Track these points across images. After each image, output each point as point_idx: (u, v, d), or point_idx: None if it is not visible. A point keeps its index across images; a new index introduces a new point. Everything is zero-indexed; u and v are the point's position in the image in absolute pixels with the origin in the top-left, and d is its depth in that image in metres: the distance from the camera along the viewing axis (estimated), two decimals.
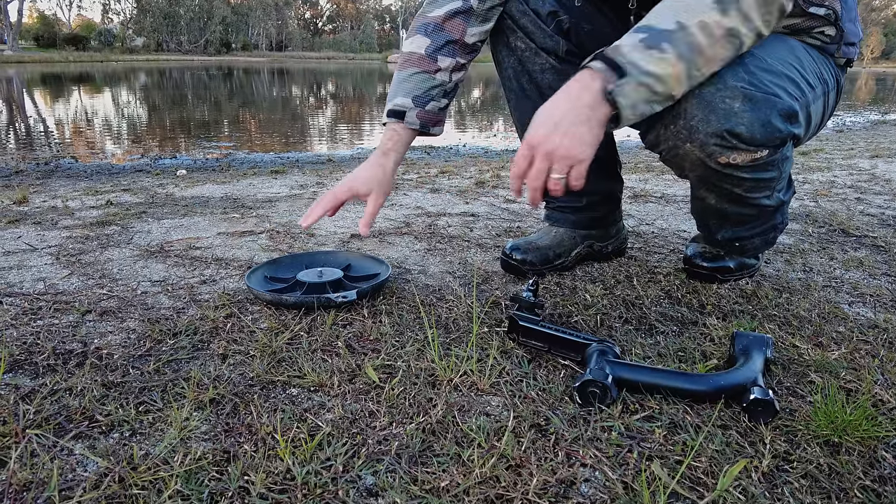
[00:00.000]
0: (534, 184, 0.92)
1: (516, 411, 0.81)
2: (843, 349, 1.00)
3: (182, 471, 0.68)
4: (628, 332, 1.06)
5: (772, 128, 0.95)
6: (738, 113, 0.94)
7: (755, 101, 0.94)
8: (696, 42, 0.87)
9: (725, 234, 1.21)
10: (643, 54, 0.87)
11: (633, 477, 0.69)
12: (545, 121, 0.90)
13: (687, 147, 0.99)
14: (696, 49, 0.88)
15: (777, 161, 1.03)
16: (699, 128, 0.96)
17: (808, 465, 0.72)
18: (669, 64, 0.88)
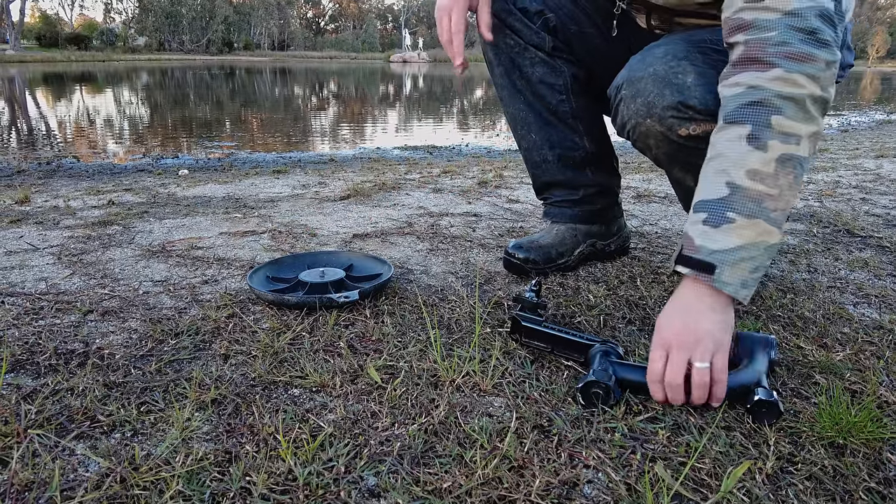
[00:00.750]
0: (674, 382, 0.82)
1: (519, 412, 0.81)
2: (848, 350, 1.00)
3: (184, 471, 0.68)
4: (632, 332, 1.06)
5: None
6: (689, 86, 0.98)
7: (706, 76, 0.98)
8: (755, 192, 0.83)
9: None
10: (719, 235, 0.84)
11: (636, 478, 0.69)
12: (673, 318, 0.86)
13: (648, 122, 1.04)
14: (759, 198, 0.83)
15: None
16: (656, 102, 1.01)
17: (813, 466, 0.71)
18: (746, 228, 0.83)
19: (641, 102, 1.03)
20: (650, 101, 1.01)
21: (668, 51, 1.01)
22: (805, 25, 0.81)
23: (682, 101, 0.99)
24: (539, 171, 1.37)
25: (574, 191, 1.35)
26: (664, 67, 1.00)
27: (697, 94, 0.98)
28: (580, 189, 1.35)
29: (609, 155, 1.38)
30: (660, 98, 1.00)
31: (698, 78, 0.98)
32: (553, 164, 1.34)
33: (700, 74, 0.98)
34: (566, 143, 1.32)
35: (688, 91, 0.98)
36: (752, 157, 0.83)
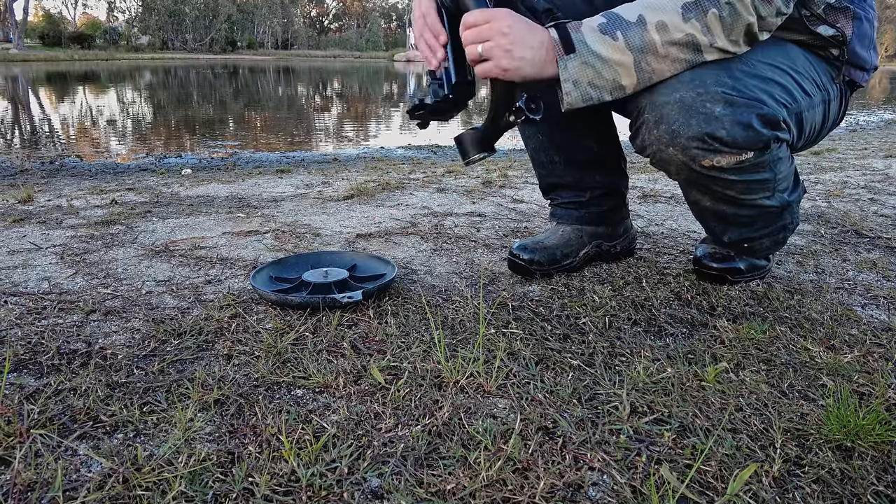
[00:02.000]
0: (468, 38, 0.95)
1: (523, 414, 0.80)
2: (856, 352, 0.99)
3: (186, 472, 0.68)
4: (637, 333, 1.05)
5: (753, 132, 0.96)
6: (718, 117, 0.95)
7: (736, 106, 0.95)
8: (650, 38, 0.92)
9: (732, 235, 1.20)
10: (597, 37, 0.93)
11: (641, 481, 0.68)
12: (519, 22, 0.94)
13: (670, 151, 1.00)
14: (649, 45, 0.93)
15: (767, 163, 1.03)
16: (680, 132, 0.98)
17: (820, 469, 0.71)
18: (618, 50, 0.93)
19: (665, 130, 0.99)
20: (674, 129, 0.98)
21: (695, 75, 0.96)
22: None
23: (708, 133, 0.96)
24: (546, 171, 1.37)
25: (581, 192, 1.34)
26: (692, 94, 0.96)
27: (726, 125, 0.95)
28: (587, 191, 1.34)
29: (617, 156, 1.37)
30: (685, 128, 0.97)
31: (727, 107, 0.95)
32: (560, 166, 1.33)
33: (729, 103, 0.95)
34: (574, 145, 1.31)
35: (716, 122, 0.95)
36: (670, 15, 0.92)
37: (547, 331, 1.05)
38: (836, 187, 2.40)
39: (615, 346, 1.00)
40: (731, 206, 1.11)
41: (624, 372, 0.91)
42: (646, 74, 0.96)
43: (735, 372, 0.92)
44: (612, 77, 0.95)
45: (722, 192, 1.07)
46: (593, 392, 0.86)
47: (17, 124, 6.73)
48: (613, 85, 0.96)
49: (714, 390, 0.86)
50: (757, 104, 0.96)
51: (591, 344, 1.01)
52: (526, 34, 0.94)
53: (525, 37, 0.93)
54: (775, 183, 1.08)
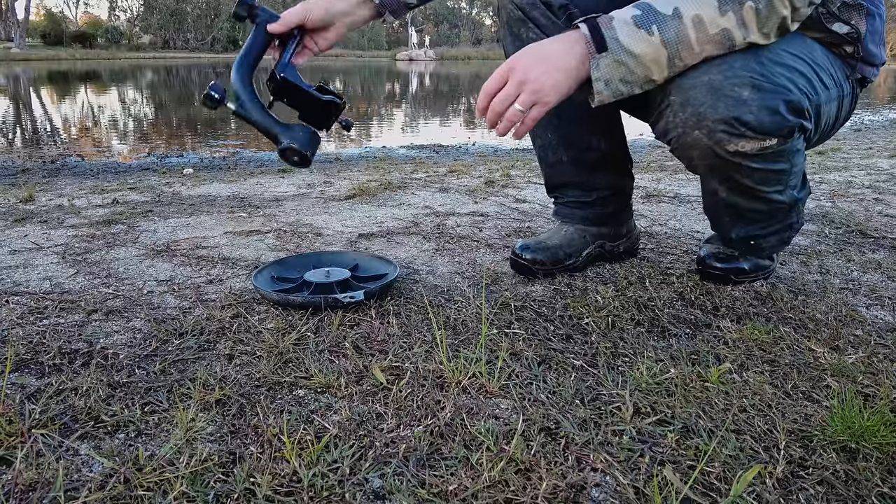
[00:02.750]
0: (496, 107, 0.95)
1: (526, 414, 0.80)
2: (861, 353, 0.99)
3: (188, 472, 0.67)
4: (640, 334, 1.05)
5: (780, 117, 0.97)
6: (746, 101, 0.95)
7: (764, 91, 0.95)
8: (685, 33, 0.91)
9: (739, 232, 1.20)
10: (630, 32, 0.91)
11: (644, 482, 0.68)
12: (534, 54, 0.94)
13: (695, 134, 1.00)
14: (684, 40, 0.91)
15: (787, 152, 1.03)
16: (707, 114, 0.97)
17: (824, 471, 0.70)
18: (653, 47, 0.91)
19: (692, 112, 0.98)
20: (701, 111, 0.97)
21: (723, 59, 0.96)
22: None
23: (736, 117, 0.96)
24: (553, 170, 1.36)
25: (587, 192, 1.33)
26: (720, 77, 0.95)
27: (754, 109, 0.95)
28: (594, 191, 1.33)
29: (624, 157, 1.36)
30: (712, 110, 0.96)
31: (755, 92, 0.95)
32: (568, 165, 1.32)
33: (757, 88, 0.95)
34: (582, 144, 1.30)
35: (744, 106, 0.95)
36: (708, 10, 0.90)
37: (550, 331, 1.05)
38: (841, 187, 2.39)
39: (618, 347, 0.99)
40: (746, 197, 1.11)
41: (627, 372, 0.91)
42: (677, 68, 0.95)
43: (739, 373, 0.92)
44: (644, 73, 0.94)
45: (740, 181, 1.07)
46: (596, 393, 0.86)
47: (18, 124, 6.74)
48: (645, 80, 0.95)
49: (717, 391, 0.86)
50: (784, 91, 0.96)
51: (594, 344, 1.00)
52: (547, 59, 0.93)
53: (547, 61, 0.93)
54: (789, 176, 1.09)
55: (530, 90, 0.93)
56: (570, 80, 0.93)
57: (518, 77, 0.93)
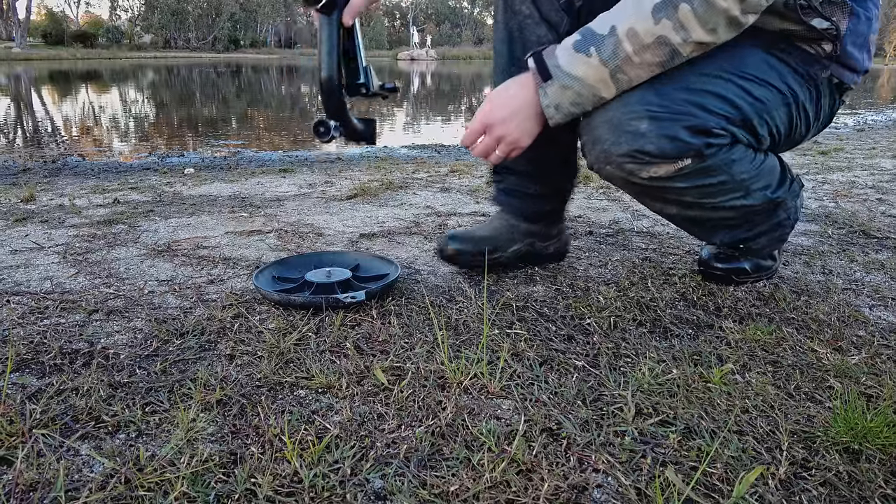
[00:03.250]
0: (478, 154, 1.07)
1: (527, 415, 0.80)
2: (864, 354, 0.98)
3: (188, 472, 0.67)
4: (642, 334, 1.04)
5: (680, 142, 0.99)
6: (644, 133, 0.99)
7: (660, 120, 0.98)
8: (622, 48, 0.94)
9: (724, 238, 1.20)
10: (570, 57, 0.97)
11: (646, 483, 0.68)
12: (504, 106, 1.03)
13: (608, 169, 1.05)
14: (622, 55, 0.94)
15: (714, 167, 1.04)
16: (612, 150, 1.02)
17: (827, 472, 0.70)
18: (593, 68, 0.96)
19: (600, 150, 1.03)
20: (606, 149, 1.02)
21: (623, 97, 1.00)
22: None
23: (637, 149, 1.00)
24: None
25: (530, 184, 1.30)
26: (619, 113, 1.00)
27: (653, 139, 0.98)
28: (536, 185, 1.30)
29: (573, 161, 1.33)
30: (615, 146, 1.01)
31: (652, 123, 0.98)
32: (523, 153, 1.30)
33: (653, 118, 0.98)
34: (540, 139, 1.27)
35: (643, 138, 0.99)
36: (641, 21, 0.93)
37: (551, 331, 1.05)
38: (844, 187, 2.39)
39: (620, 347, 0.99)
40: (700, 210, 1.12)
41: (629, 373, 0.91)
42: (623, 84, 0.98)
43: (741, 373, 0.92)
44: (592, 92, 0.99)
45: (678, 198, 1.08)
46: (598, 393, 0.86)
47: (19, 123, 6.74)
48: (594, 99, 1.00)
49: (720, 392, 0.86)
50: (683, 117, 0.99)
51: (596, 345, 1.00)
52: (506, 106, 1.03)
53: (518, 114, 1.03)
54: (742, 183, 1.08)
55: (507, 142, 1.04)
56: (536, 122, 1.03)
57: (496, 134, 1.04)
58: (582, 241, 1.59)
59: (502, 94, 1.04)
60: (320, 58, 1.04)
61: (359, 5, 1.04)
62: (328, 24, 1.03)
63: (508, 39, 1.21)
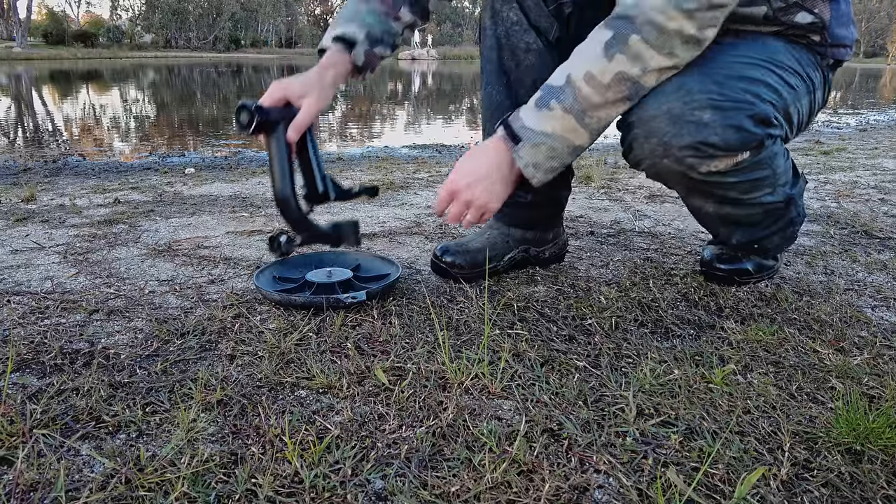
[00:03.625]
0: (452, 221, 1.05)
1: (528, 415, 0.80)
2: (866, 354, 0.98)
3: (189, 473, 0.67)
4: (643, 335, 1.04)
5: (746, 133, 0.96)
6: (708, 123, 0.95)
7: (725, 110, 0.95)
8: (581, 93, 0.94)
9: (741, 237, 1.19)
10: (534, 115, 0.97)
11: (647, 484, 0.68)
12: (470, 173, 1.01)
13: (665, 163, 1.00)
14: (583, 99, 0.94)
15: (765, 159, 1.03)
16: (673, 143, 0.97)
17: (829, 473, 0.70)
18: (557, 118, 0.95)
19: (657, 142, 0.98)
20: (666, 141, 0.97)
21: (681, 84, 0.95)
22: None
23: (701, 140, 0.96)
24: None
25: (525, 193, 1.26)
26: (679, 104, 0.95)
27: (718, 130, 0.95)
28: (531, 192, 1.26)
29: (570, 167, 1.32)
30: (677, 138, 0.96)
31: (716, 112, 0.94)
32: None
33: (717, 108, 0.94)
34: None
35: (707, 129, 0.95)
36: (596, 63, 0.92)
37: (552, 332, 1.05)
38: (846, 187, 2.38)
39: (621, 348, 0.99)
40: (736, 207, 1.11)
41: (630, 374, 0.91)
42: (594, 127, 0.97)
43: (743, 374, 0.92)
44: (565, 144, 0.97)
45: (724, 194, 1.06)
46: (599, 394, 0.86)
47: (20, 123, 6.74)
48: (570, 149, 0.99)
49: (721, 392, 0.86)
50: (745, 105, 0.96)
51: (598, 345, 1.00)
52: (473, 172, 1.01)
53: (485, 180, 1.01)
54: (775, 178, 1.08)
55: (476, 207, 1.02)
56: (507, 185, 1.02)
57: (463, 199, 1.01)
58: (583, 241, 1.59)
59: (467, 161, 1.03)
60: (272, 175, 1.04)
61: (304, 122, 1.03)
62: (275, 142, 1.02)
63: (497, 46, 1.20)
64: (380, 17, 1.13)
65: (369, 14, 1.13)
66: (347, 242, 1.14)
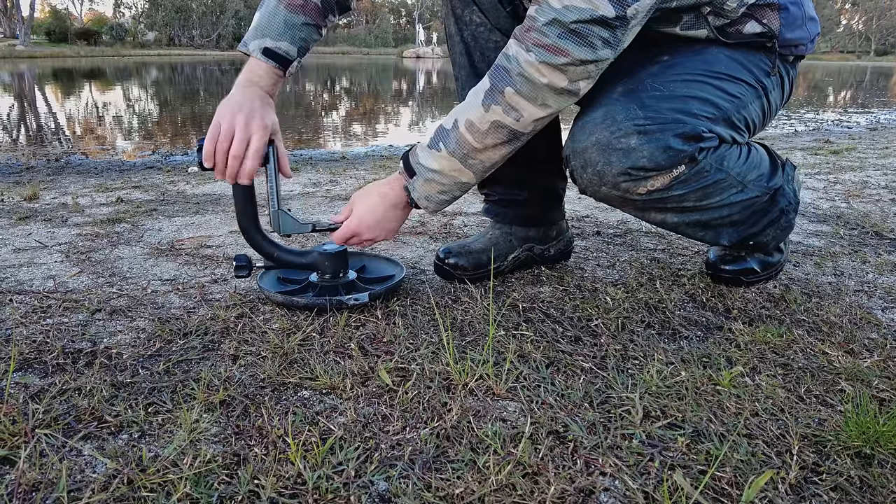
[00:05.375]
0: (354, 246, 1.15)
1: (533, 417, 0.79)
2: (876, 357, 0.97)
3: (191, 473, 0.67)
4: (650, 336, 1.04)
5: (674, 151, 0.98)
6: (636, 148, 0.98)
7: (650, 133, 0.97)
8: (463, 138, 1.00)
9: (731, 237, 1.17)
10: (427, 154, 1.04)
11: (654, 487, 0.67)
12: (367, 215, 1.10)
13: (604, 190, 1.04)
14: (464, 143, 1.01)
15: (708, 168, 1.03)
16: (605, 171, 1.01)
17: (839, 477, 0.69)
18: (444, 159, 1.02)
19: (592, 172, 1.02)
20: (599, 170, 1.01)
21: (606, 113, 0.99)
22: (571, 21, 0.88)
23: (631, 166, 0.98)
24: None
25: (520, 191, 1.30)
26: (606, 133, 0.99)
27: (645, 153, 0.97)
28: (525, 189, 1.29)
29: (558, 157, 1.29)
30: (608, 166, 1.00)
31: (642, 137, 0.97)
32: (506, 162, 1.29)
33: (642, 133, 0.97)
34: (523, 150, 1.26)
35: (634, 153, 0.98)
36: (475, 111, 0.99)
37: (558, 333, 1.04)
38: (856, 187, 2.37)
39: (628, 349, 0.98)
40: (701, 213, 1.10)
41: (637, 375, 0.90)
42: (478, 168, 1.03)
43: (751, 376, 0.91)
44: (452, 181, 1.04)
45: (678, 205, 1.07)
46: (605, 396, 0.85)
47: (22, 121, 6.75)
48: (457, 186, 1.06)
49: (729, 395, 0.85)
50: (672, 125, 0.98)
51: (604, 346, 0.99)
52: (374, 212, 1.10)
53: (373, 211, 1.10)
54: (736, 177, 1.07)
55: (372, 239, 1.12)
56: (399, 217, 1.12)
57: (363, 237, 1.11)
58: (589, 241, 1.59)
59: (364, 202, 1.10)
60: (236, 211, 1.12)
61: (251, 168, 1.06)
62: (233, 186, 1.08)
63: (466, 51, 1.22)
64: (311, 29, 1.14)
65: (303, 28, 1.13)
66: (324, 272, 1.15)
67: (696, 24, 1.05)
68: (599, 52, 0.91)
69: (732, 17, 1.04)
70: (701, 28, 1.05)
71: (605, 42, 0.91)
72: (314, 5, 1.13)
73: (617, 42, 0.92)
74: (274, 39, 1.11)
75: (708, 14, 1.04)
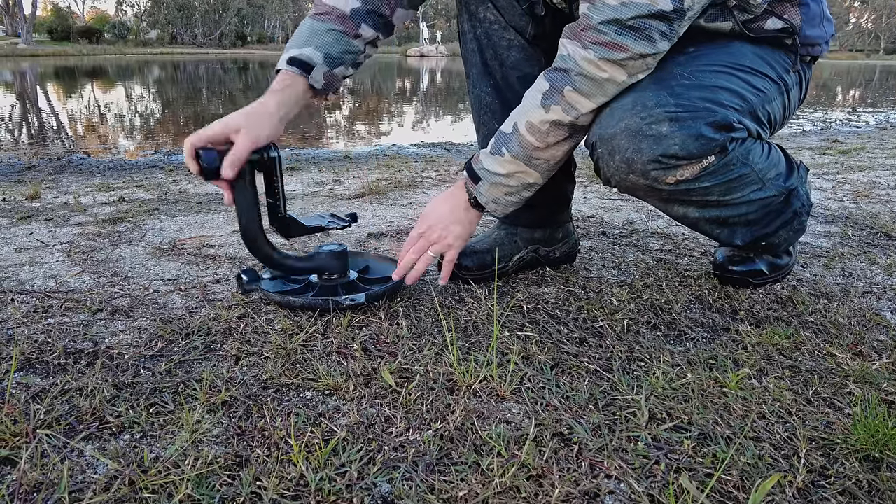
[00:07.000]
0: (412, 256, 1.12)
1: (538, 419, 0.78)
2: (885, 359, 0.97)
3: (193, 475, 0.67)
4: (656, 338, 1.03)
5: (706, 140, 0.97)
6: (667, 135, 0.96)
7: (682, 121, 0.96)
8: (525, 140, 1.02)
9: (744, 237, 1.16)
10: (490, 159, 1.06)
11: (660, 490, 0.67)
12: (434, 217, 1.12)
13: (632, 178, 1.02)
14: (528, 146, 1.02)
15: (736, 160, 1.02)
16: (635, 158, 0.99)
17: (847, 480, 0.69)
18: (509, 163, 1.04)
19: (620, 160, 1.00)
20: (628, 157, 0.99)
21: (636, 99, 0.98)
22: (629, 17, 0.90)
23: (662, 153, 0.97)
24: None
25: None
26: (637, 119, 0.97)
27: (677, 140, 0.96)
28: None
29: (572, 159, 1.31)
30: (638, 153, 0.98)
31: (673, 124, 0.96)
32: None
33: (674, 120, 0.96)
34: None
35: (666, 141, 0.96)
36: (535, 112, 1.00)
37: (563, 334, 1.03)
38: (865, 187, 2.36)
39: (633, 351, 0.98)
40: (722, 208, 1.09)
41: (642, 377, 0.89)
42: (543, 167, 1.05)
43: (758, 378, 0.90)
44: (519, 182, 1.06)
45: (703, 199, 1.06)
46: (610, 398, 0.84)
47: (24, 120, 6.76)
48: (524, 187, 1.07)
49: (736, 397, 0.84)
50: (703, 113, 0.97)
51: (609, 348, 0.99)
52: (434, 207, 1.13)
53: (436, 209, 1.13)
54: (759, 174, 1.07)
55: (439, 247, 1.12)
56: (465, 224, 1.12)
57: (427, 239, 1.12)
58: (595, 241, 1.58)
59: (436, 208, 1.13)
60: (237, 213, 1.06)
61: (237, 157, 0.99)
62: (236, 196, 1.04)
63: (479, 49, 1.21)
64: (338, 36, 1.12)
65: (328, 34, 1.11)
66: (330, 273, 1.15)
67: (721, 16, 1.05)
68: (658, 45, 0.94)
69: (756, 13, 1.04)
70: (726, 20, 1.05)
71: (662, 35, 0.93)
72: (340, 14, 1.11)
73: (673, 34, 0.95)
74: (299, 48, 1.10)
75: (734, 8, 1.04)
